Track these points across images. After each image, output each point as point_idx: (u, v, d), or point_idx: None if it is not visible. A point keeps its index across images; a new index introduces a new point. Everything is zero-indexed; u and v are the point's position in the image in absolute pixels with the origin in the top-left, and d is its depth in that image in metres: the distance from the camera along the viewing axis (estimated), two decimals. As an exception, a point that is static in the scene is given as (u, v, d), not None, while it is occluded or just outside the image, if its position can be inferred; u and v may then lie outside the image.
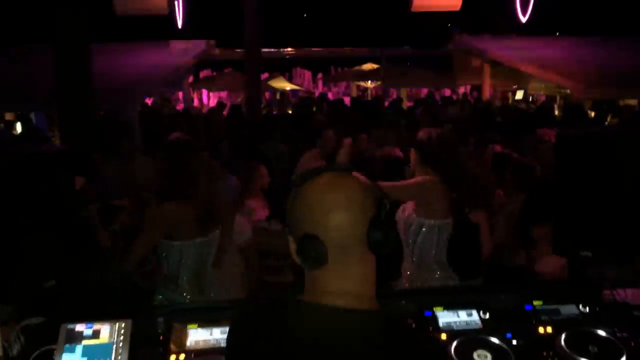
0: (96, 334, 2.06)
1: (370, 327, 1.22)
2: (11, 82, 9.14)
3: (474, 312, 2.26)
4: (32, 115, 11.22)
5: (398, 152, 5.25)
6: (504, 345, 2.07)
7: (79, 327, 2.07)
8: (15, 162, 2.22)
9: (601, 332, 2.14)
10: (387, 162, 4.95)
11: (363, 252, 1.24)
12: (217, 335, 2.13)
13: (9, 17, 17.21)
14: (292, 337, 1.21)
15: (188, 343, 2.10)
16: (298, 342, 1.20)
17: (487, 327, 2.19)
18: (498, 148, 6.05)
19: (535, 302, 2.32)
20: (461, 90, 19.72)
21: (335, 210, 1.21)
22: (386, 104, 14.57)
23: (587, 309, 2.30)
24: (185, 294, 3.11)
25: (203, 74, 20.74)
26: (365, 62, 21.51)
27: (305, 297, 1.26)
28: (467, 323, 2.22)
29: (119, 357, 1.99)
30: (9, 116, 12.78)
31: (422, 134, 3.34)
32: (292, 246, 1.28)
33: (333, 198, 1.22)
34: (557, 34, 16.99)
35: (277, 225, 3.86)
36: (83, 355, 2.00)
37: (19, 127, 10.87)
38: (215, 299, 3.07)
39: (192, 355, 2.04)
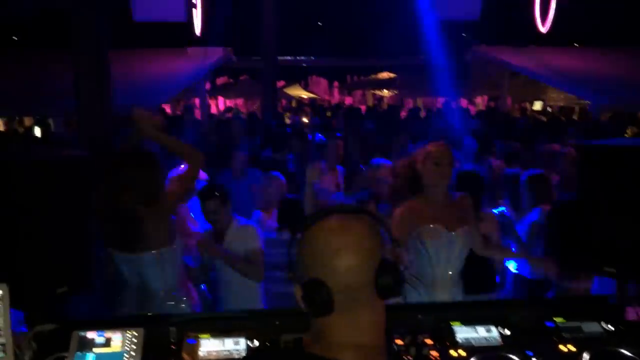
0: (108, 342, 2.03)
1: None
2: (30, 87, 9.25)
3: (493, 328, 2.20)
4: (51, 121, 11.34)
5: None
6: (525, 363, 2.01)
7: (91, 335, 2.05)
8: (34, 166, 2.21)
9: (626, 352, 2.06)
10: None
11: (371, 298, 1.19)
12: (229, 345, 2.10)
13: (28, 23, 17.46)
14: None
15: (200, 353, 2.07)
16: None
17: (507, 343, 2.13)
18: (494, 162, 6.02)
19: (557, 319, 2.25)
20: (478, 100, 19.61)
21: (343, 254, 1.17)
22: (402, 113, 14.51)
23: (611, 327, 2.23)
24: (122, 304, 3.05)
25: (220, 81, 20.85)
26: (382, 70, 21.49)
27: (313, 348, 1.21)
28: (486, 339, 2.16)
29: (131, 367, 1.96)
30: (27, 121, 12.94)
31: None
32: (298, 293, 1.23)
33: (341, 241, 1.18)
34: (576, 45, 16.82)
35: (287, 235, 3.82)
36: (94, 363, 1.98)
37: (37, 132, 10.98)
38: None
39: (204, 366, 2.01)
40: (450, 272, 3.14)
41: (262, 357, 1.28)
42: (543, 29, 11.39)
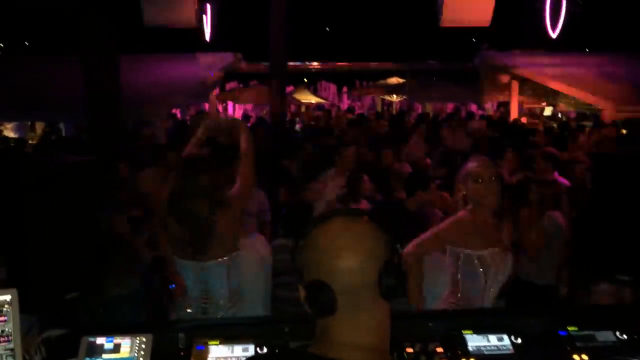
0: (117, 348, 2.02)
1: None
2: (41, 92, 9.31)
3: (505, 337, 2.17)
4: (62, 126, 11.41)
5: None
6: (538, 373, 1.98)
7: (100, 341, 2.04)
8: (44, 171, 2.22)
9: (641, 362, 2.03)
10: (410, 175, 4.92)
11: (374, 300, 1.20)
12: (238, 352, 2.07)
13: (38, 28, 17.62)
14: None
15: (209, 360, 2.05)
16: None
17: (519, 353, 2.09)
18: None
19: (570, 328, 2.21)
20: (487, 105, 19.53)
21: (345, 255, 1.18)
22: (411, 118, 14.47)
23: (625, 336, 2.19)
24: (180, 310, 3.00)
25: (229, 86, 20.89)
26: (391, 76, 21.44)
27: (316, 348, 1.21)
28: (498, 348, 2.12)
29: (139, 373, 1.95)
30: (38, 126, 13.01)
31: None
32: (302, 294, 1.24)
33: (343, 242, 1.19)
34: (587, 50, 16.74)
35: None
36: (103, 369, 1.97)
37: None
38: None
39: (213, 373, 2.00)
40: (494, 295, 2.92)
41: (264, 356, 1.28)
42: (553, 35, 11.34)
